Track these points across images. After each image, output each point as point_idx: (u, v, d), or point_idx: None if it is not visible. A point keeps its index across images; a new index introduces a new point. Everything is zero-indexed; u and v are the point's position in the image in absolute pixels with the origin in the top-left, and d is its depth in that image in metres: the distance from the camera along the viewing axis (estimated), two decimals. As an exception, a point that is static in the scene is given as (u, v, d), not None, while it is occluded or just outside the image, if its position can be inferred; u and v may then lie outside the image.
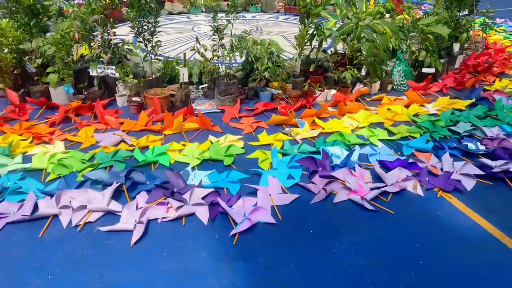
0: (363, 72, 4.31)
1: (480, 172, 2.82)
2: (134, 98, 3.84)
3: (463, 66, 4.95)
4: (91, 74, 3.93)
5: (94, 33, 4.03)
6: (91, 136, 3.31)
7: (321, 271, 2.04)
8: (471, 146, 3.19)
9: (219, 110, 3.87)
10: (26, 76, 4.09)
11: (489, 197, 2.65)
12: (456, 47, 4.89)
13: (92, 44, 3.97)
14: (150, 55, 3.94)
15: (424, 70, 4.42)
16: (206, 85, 4.19)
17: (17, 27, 4.02)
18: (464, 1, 4.90)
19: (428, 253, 2.16)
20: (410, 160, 2.95)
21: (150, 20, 3.77)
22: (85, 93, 4.02)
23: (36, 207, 2.45)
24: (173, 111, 3.67)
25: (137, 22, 3.75)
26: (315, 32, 4.09)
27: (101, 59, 3.94)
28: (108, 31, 3.93)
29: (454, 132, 3.45)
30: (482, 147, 3.20)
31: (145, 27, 3.80)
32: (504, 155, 3.02)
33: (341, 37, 4.33)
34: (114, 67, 3.89)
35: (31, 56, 3.97)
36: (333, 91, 4.12)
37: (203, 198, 2.52)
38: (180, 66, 4.28)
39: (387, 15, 6.32)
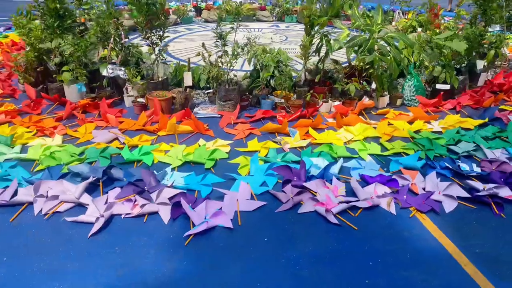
0: (374, 85, 4.20)
1: (466, 195, 2.67)
2: (138, 99, 3.99)
3: (488, 84, 4.69)
4: (102, 74, 4.13)
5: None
6: (90, 132, 3.48)
7: (263, 279, 2.02)
8: (464, 167, 3.01)
9: (219, 115, 3.92)
10: (47, 74, 4.37)
11: (467, 221, 2.49)
12: (479, 64, 4.63)
13: (106, 46, 4.18)
14: (158, 58, 4.08)
15: (438, 86, 4.23)
16: (211, 90, 4.26)
17: (43, 28, 4.32)
18: (489, 16, 4.64)
19: (378, 272, 2.07)
20: (393, 177, 2.84)
21: (159, 27, 3.92)
22: (97, 92, 4.23)
23: (16, 194, 2.62)
24: (172, 113, 3.77)
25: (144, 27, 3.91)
26: (321, 42, 4.05)
27: (113, 60, 4.14)
28: (121, 34, 4.12)
29: (452, 152, 3.28)
30: (477, 169, 3.02)
31: (154, 31, 3.95)
32: (498, 180, 2.83)
33: (353, 49, 4.26)
34: (123, 68, 4.07)
35: (51, 55, 4.24)
36: (337, 103, 4.05)
37: (170, 198, 2.58)
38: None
39: (419, 29, 6.12)
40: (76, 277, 2.00)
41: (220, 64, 3.94)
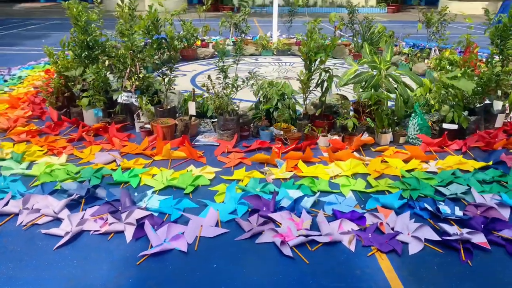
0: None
1: (436, 237, 2.57)
2: (146, 125, 4.25)
3: (507, 126, 4.47)
4: (118, 101, 4.45)
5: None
6: (93, 154, 3.75)
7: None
8: (444, 209, 2.89)
9: (218, 144, 4.07)
10: (72, 99, 4.78)
11: (428, 265, 2.39)
12: (497, 104, 4.44)
13: (123, 75, 4.53)
14: (167, 88, 4.34)
15: (445, 125, 4.10)
16: (216, 119, 4.43)
17: (73, 58, 4.77)
18: (506, 56, 4.46)
19: (312, 308, 2.05)
20: (365, 215, 2.80)
21: (170, 61, 4.21)
22: (111, 117, 4.56)
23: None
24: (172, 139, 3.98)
25: (156, 58, 4.20)
26: (321, 78, 4.12)
27: (128, 89, 4.46)
28: (136, 65, 4.44)
29: (440, 193, 3.16)
30: (459, 213, 2.89)
31: (165, 63, 4.23)
32: (478, 225, 2.69)
33: (360, 85, 4.28)
34: (136, 96, 4.37)
35: (74, 82, 4.65)
36: (336, 137, 4.05)
37: (139, 219, 2.72)
38: (201, 99, 4.63)
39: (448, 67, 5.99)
40: (29, 285, 2.17)
41: (222, 95, 4.11)
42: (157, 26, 4.12)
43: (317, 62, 4.05)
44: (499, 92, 4.59)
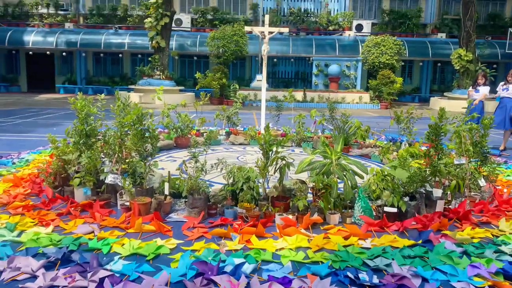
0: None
1: (348, 300, 3.04)
2: (126, 203, 4.89)
3: (445, 211, 5.02)
4: (105, 181, 5.15)
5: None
6: (76, 226, 4.35)
7: None
8: (364, 277, 3.38)
9: (186, 220, 4.65)
10: (67, 179, 5.50)
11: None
12: (436, 192, 5.04)
13: (111, 160, 5.28)
14: (147, 171, 5.06)
15: (386, 209, 4.68)
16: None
17: (73, 144, 5.57)
18: (439, 150, 5.18)
19: None
20: (294, 280, 3.30)
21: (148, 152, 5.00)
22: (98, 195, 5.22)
23: (-5, 264, 3.45)
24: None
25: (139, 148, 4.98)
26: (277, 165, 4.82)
27: (115, 171, 5.18)
28: (122, 151, 5.22)
29: (367, 265, 3.66)
30: (376, 281, 3.37)
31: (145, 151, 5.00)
32: (389, 291, 3.17)
33: (315, 172, 4.97)
34: (120, 178, 5.07)
35: (70, 165, 5.40)
36: (290, 216, 4.63)
37: (102, 278, 3.25)
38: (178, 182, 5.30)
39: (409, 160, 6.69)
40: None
41: (191, 178, 4.79)
42: (141, 119, 4.96)
43: (273, 152, 4.77)
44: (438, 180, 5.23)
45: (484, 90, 10.34)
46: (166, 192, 4.83)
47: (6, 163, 7.23)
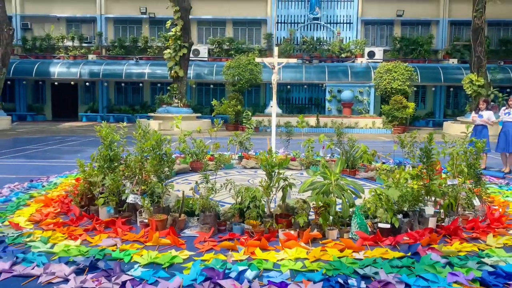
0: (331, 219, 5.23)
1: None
2: (144, 220, 5.45)
3: (437, 228, 5.41)
4: (127, 201, 5.73)
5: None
6: (101, 239, 4.91)
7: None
8: (352, 282, 3.82)
9: (197, 235, 5.17)
10: (93, 199, 6.10)
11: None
12: (428, 209, 5.46)
13: (131, 182, 5.87)
14: (163, 191, 5.63)
15: (380, 225, 5.11)
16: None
17: (98, 168, 6.21)
18: (429, 172, 5.61)
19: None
20: (290, 284, 3.76)
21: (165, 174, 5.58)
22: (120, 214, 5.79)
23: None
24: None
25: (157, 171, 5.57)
26: (280, 185, 5.33)
27: (135, 192, 5.77)
28: (142, 174, 5.81)
29: (357, 273, 4.09)
30: (363, 286, 3.80)
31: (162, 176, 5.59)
32: (374, 294, 3.61)
33: (315, 191, 5.46)
34: (140, 198, 5.64)
35: (95, 186, 6.02)
36: (292, 231, 5.10)
37: (124, 281, 3.78)
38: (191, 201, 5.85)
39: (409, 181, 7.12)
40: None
41: (203, 197, 5.33)
42: (159, 145, 5.57)
43: (275, 173, 5.29)
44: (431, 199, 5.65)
45: (487, 114, 10.71)
46: (182, 210, 5.38)
47: (37, 186, 7.92)
